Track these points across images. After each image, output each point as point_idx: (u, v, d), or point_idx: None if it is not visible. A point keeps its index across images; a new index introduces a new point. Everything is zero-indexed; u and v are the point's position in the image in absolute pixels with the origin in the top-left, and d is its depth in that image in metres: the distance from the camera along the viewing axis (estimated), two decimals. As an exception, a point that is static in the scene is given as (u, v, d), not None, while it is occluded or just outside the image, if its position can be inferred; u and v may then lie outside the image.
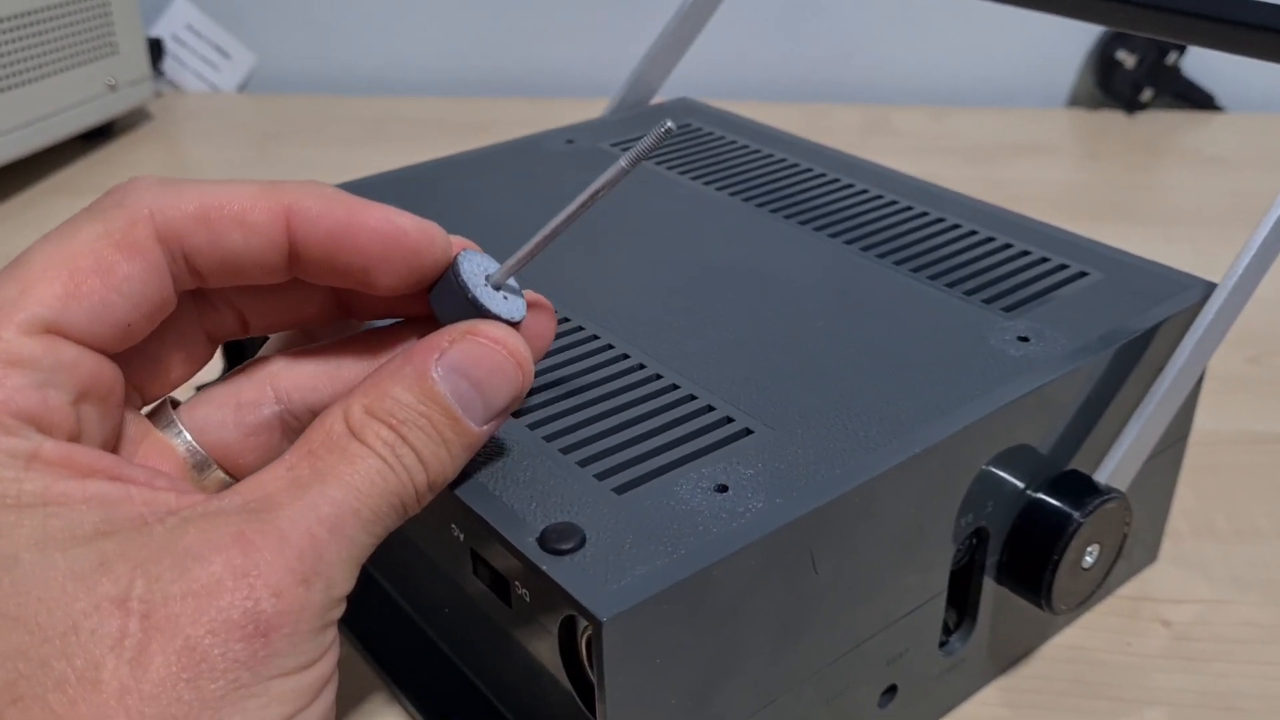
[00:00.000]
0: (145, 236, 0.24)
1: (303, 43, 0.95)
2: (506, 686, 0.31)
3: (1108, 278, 0.36)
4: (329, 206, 0.25)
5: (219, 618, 0.21)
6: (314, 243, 0.25)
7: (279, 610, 0.21)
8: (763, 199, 0.42)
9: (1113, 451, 0.32)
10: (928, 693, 0.33)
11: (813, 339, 0.32)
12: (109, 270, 0.23)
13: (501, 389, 0.25)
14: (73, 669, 0.20)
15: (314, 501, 0.22)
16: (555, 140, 0.48)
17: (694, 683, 0.25)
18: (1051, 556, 0.31)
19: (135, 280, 0.23)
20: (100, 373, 0.24)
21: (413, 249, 0.25)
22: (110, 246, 0.23)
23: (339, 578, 0.23)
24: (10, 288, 0.23)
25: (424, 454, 0.24)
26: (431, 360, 0.24)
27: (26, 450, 0.22)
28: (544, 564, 0.24)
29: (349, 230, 0.25)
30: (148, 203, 0.24)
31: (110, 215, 0.24)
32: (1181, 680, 0.35)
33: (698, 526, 0.25)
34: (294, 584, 0.22)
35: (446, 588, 0.31)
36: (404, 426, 0.24)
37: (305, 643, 0.22)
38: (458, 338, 0.25)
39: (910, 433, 0.28)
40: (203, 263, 0.25)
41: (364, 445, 0.23)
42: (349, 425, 0.24)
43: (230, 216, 0.24)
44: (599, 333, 0.33)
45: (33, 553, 0.21)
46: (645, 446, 0.28)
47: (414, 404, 0.24)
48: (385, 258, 0.25)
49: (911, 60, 0.92)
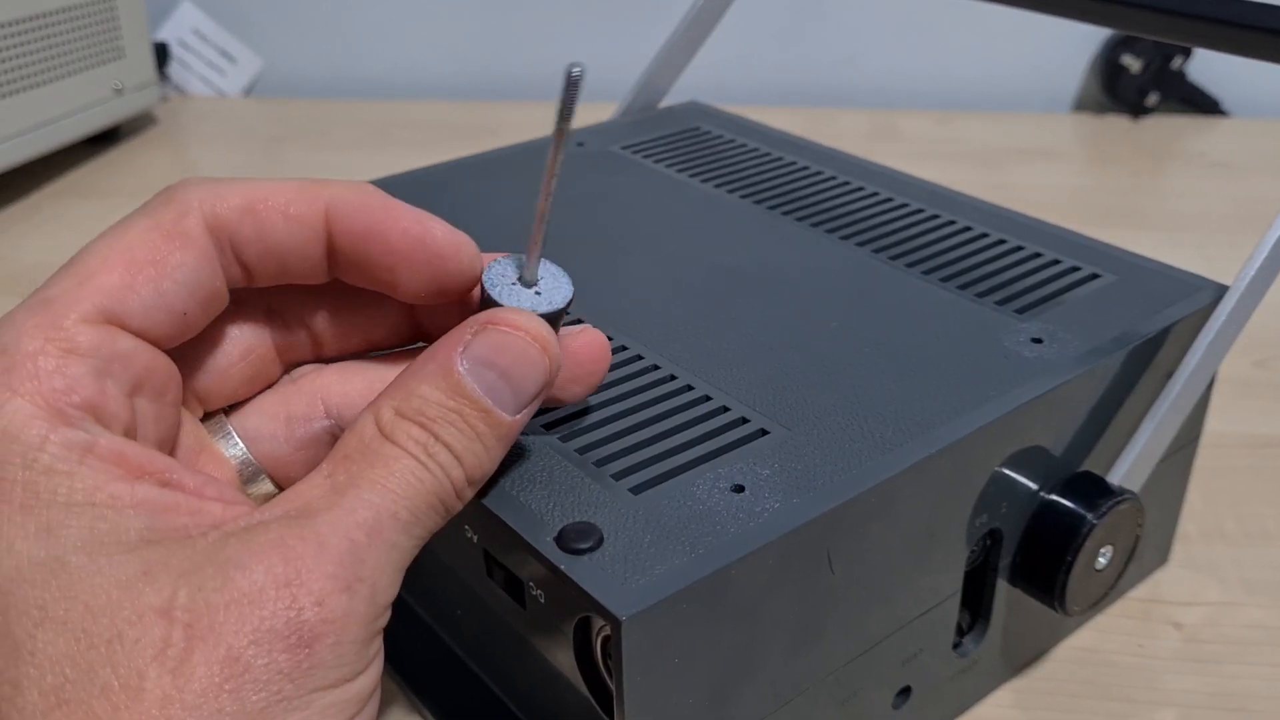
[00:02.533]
0: (195, 227, 0.24)
1: (308, 47, 0.95)
2: (521, 689, 0.31)
3: (1120, 280, 0.36)
4: (366, 203, 0.25)
5: (262, 627, 0.21)
6: (349, 237, 0.25)
7: (322, 619, 0.21)
8: (774, 202, 0.42)
9: (1125, 453, 0.32)
10: (941, 694, 0.33)
11: (827, 340, 0.32)
12: (162, 260, 0.24)
13: (529, 376, 0.25)
14: (117, 677, 0.20)
15: (351, 506, 0.22)
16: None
17: (711, 683, 0.25)
18: (1065, 558, 0.31)
19: (188, 268, 0.24)
20: (156, 365, 0.24)
21: (438, 254, 0.25)
22: (162, 237, 0.24)
23: (383, 584, 0.22)
24: (69, 280, 0.23)
25: (458, 449, 0.24)
26: (456, 354, 0.24)
27: (83, 443, 0.22)
28: (562, 563, 0.24)
29: (382, 228, 0.25)
30: (196, 196, 0.24)
31: (160, 210, 0.24)
32: (1193, 682, 0.35)
33: (715, 526, 0.25)
34: (337, 591, 0.21)
35: (460, 590, 0.31)
36: (434, 424, 0.24)
37: (350, 653, 0.22)
38: (479, 329, 0.25)
39: (925, 433, 0.28)
40: (250, 255, 0.25)
41: (397, 446, 0.23)
42: (380, 428, 0.24)
43: (275, 208, 0.25)
44: (614, 335, 0.33)
45: (80, 556, 0.21)
46: (662, 447, 0.28)
47: (442, 400, 0.24)
48: (411, 260, 0.25)
49: (917, 65, 0.92)
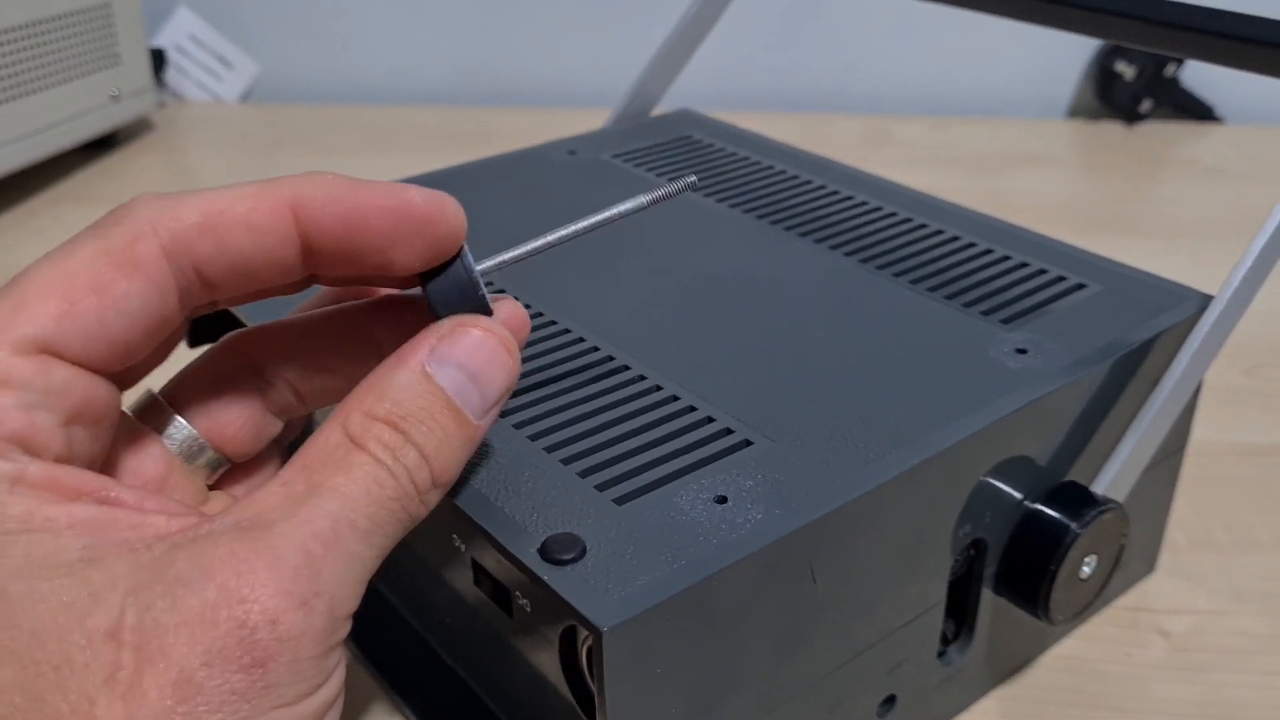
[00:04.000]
0: (146, 252, 0.23)
1: (305, 52, 0.95)
2: (508, 697, 0.31)
3: (1106, 290, 0.36)
4: (335, 193, 0.24)
5: (213, 648, 0.20)
6: (326, 232, 0.24)
7: (276, 638, 0.21)
8: (763, 211, 0.42)
9: (1110, 463, 0.33)
10: (927, 702, 0.33)
11: (813, 350, 0.33)
12: (106, 289, 0.23)
13: (496, 379, 0.25)
14: (67, 703, 0.20)
15: (308, 516, 0.22)
16: (557, 151, 0.48)
17: (694, 693, 0.26)
18: (1049, 567, 0.31)
19: (134, 298, 0.23)
20: (94, 395, 0.23)
21: (425, 220, 0.24)
22: (109, 264, 0.23)
23: (341, 596, 0.22)
24: (4, 306, 0.22)
25: (428, 450, 0.24)
26: (426, 355, 0.24)
27: (11, 473, 0.21)
28: (545, 574, 0.24)
29: (358, 213, 0.24)
30: (149, 219, 0.23)
31: (110, 233, 0.23)
32: (1181, 690, 0.35)
33: (698, 537, 0.25)
34: (292, 608, 0.21)
35: (448, 598, 0.32)
36: (406, 422, 0.23)
37: (307, 669, 0.21)
38: (447, 333, 0.25)
39: (909, 444, 0.28)
40: (213, 271, 0.24)
41: (362, 451, 0.23)
42: (348, 433, 0.23)
43: (234, 220, 0.24)
44: (600, 344, 0.33)
45: (19, 583, 0.20)
46: (646, 457, 0.28)
47: (413, 399, 0.24)
48: (399, 235, 0.24)
49: (912, 71, 0.92)
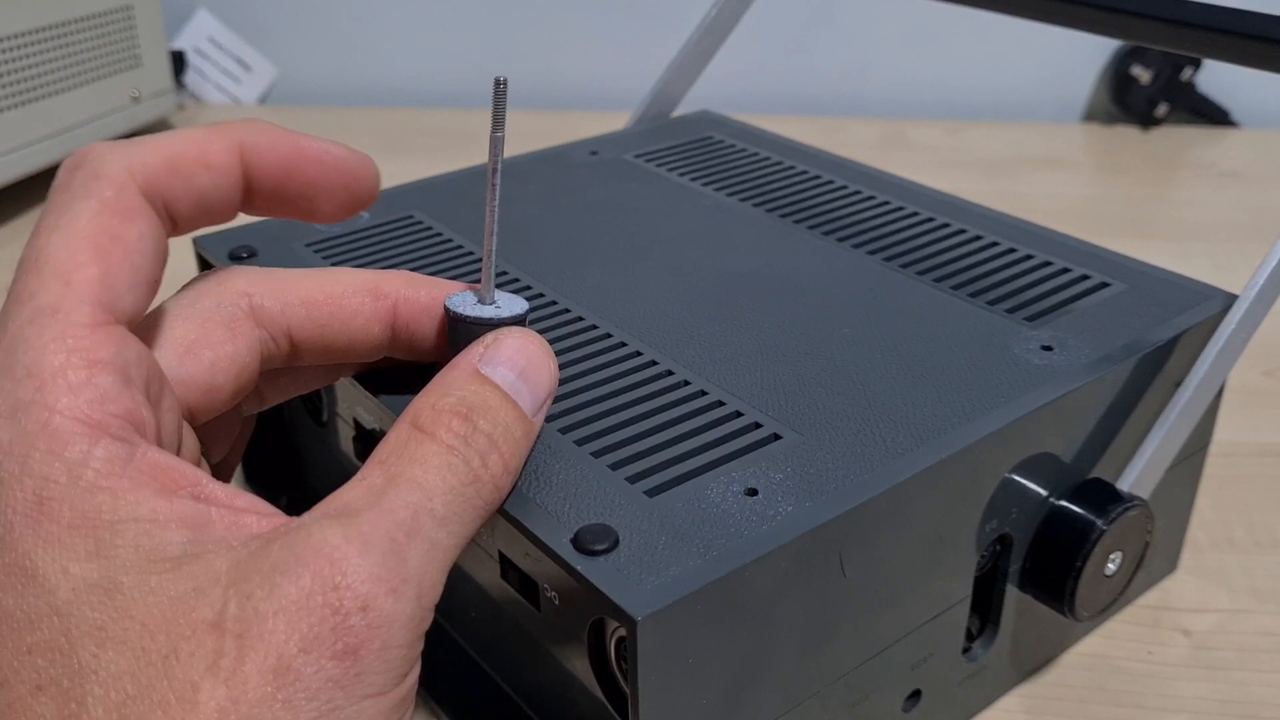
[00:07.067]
0: (135, 198, 0.24)
1: (324, 55, 0.96)
2: (536, 692, 0.32)
3: (1130, 288, 0.36)
4: (277, 140, 0.26)
5: (309, 634, 0.20)
6: (266, 175, 0.26)
7: (368, 624, 0.21)
8: (786, 210, 0.42)
9: (1135, 460, 0.33)
10: (951, 698, 0.33)
11: (838, 346, 0.33)
12: (124, 238, 0.23)
13: (542, 377, 0.26)
14: (173, 690, 0.20)
15: (390, 506, 0.22)
16: (579, 151, 0.49)
17: (724, 684, 0.26)
18: (1075, 564, 0.31)
19: (146, 238, 0.24)
20: (155, 368, 0.24)
21: (351, 175, 0.27)
22: (113, 216, 0.23)
23: (427, 584, 0.22)
24: (51, 286, 0.22)
25: (495, 435, 0.25)
26: (476, 359, 0.26)
27: (123, 455, 0.22)
28: (579, 564, 0.24)
29: (297, 161, 0.26)
30: (121, 164, 0.24)
31: (96, 187, 0.24)
32: (1203, 689, 0.35)
33: (729, 529, 0.25)
34: (382, 594, 0.21)
35: (475, 592, 0.32)
36: (473, 412, 0.24)
37: (396, 658, 0.21)
38: (491, 341, 0.26)
39: (936, 439, 0.29)
40: (180, 209, 0.25)
41: (433, 440, 0.24)
42: (418, 427, 0.24)
43: (196, 160, 0.25)
44: (627, 340, 0.33)
45: (131, 576, 0.21)
46: (675, 451, 0.28)
47: (475, 394, 0.25)
48: (328, 185, 0.27)
49: (927, 75, 0.92)
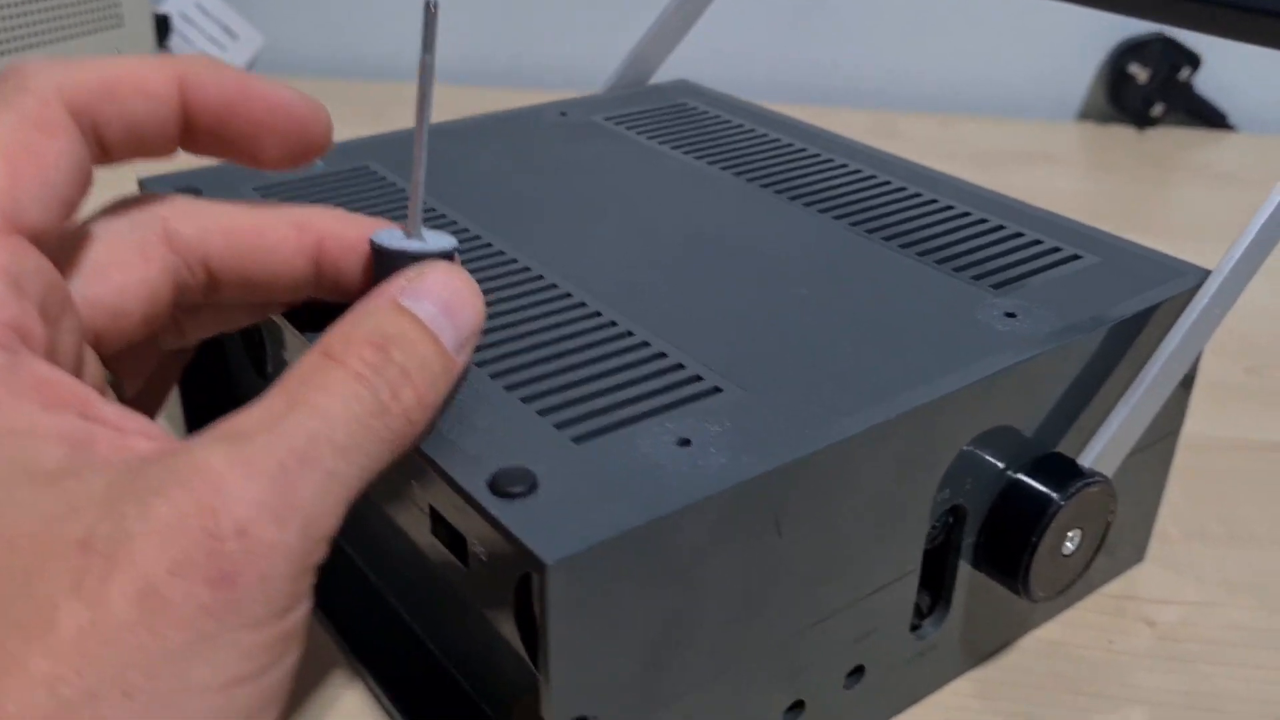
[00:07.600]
0: (59, 114, 0.23)
1: (311, 26, 0.95)
2: (465, 656, 0.30)
3: (1102, 261, 0.35)
4: (221, 77, 0.25)
5: (181, 557, 0.19)
6: (207, 111, 0.25)
7: (246, 550, 0.20)
8: (755, 175, 0.41)
9: (1098, 436, 0.31)
10: (897, 676, 0.31)
11: (795, 307, 0.31)
12: (40, 152, 0.23)
13: (467, 314, 0.25)
14: (33, 610, 0.19)
15: (285, 431, 0.21)
16: (549, 112, 0.47)
17: (644, 646, 0.24)
18: (1030, 539, 0.30)
19: (65, 155, 0.23)
20: (56, 282, 0.23)
21: (301, 121, 0.26)
22: (33, 129, 0.23)
23: (318, 514, 0.21)
24: None
25: (410, 368, 0.23)
26: (398, 291, 0.24)
27: (6, 364, 0.21)
28: (493, 508, 0.23)
29: (242, 101, 0.25)
30: (54, 81, 0.23)
31: (18, 100, 0.23)
32: (1165, 680, 0.34)
33: (656, 477, 0.24)
34: (264, 520, 0.20)
35: (407, 550, 0.30)
36: (387, 342, 0.23)
37: (276, 590, 0.20)
38: (414, 274, 0.25)
39: (886, 399, 0.27)
40: (111, 134, 0.24)
41: (342, 368, 0.22)
42: (328, 353, 0.23)
43: (132, 86, 0.24)
44: (572, 290, 0.32)
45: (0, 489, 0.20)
46: (610, 400, 0.27)
47: (393, 323, 0.24)
48: (275, 129, 0.26)
49: (920, 67, 0.91)
